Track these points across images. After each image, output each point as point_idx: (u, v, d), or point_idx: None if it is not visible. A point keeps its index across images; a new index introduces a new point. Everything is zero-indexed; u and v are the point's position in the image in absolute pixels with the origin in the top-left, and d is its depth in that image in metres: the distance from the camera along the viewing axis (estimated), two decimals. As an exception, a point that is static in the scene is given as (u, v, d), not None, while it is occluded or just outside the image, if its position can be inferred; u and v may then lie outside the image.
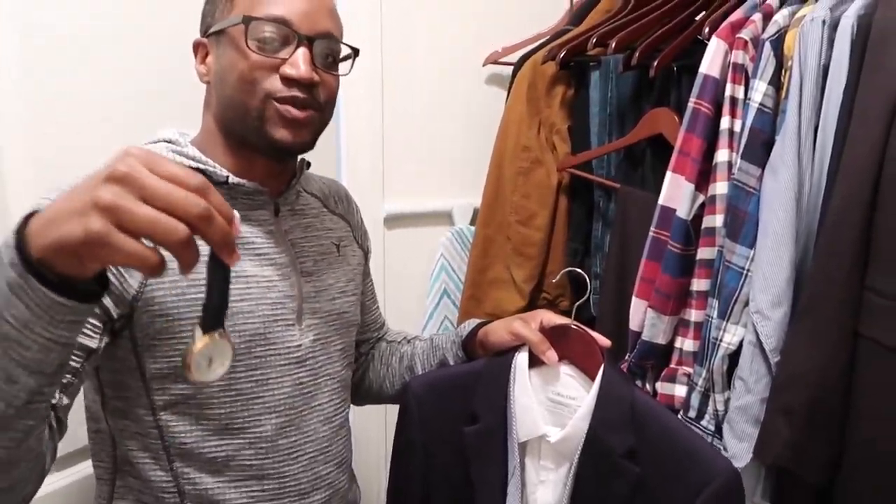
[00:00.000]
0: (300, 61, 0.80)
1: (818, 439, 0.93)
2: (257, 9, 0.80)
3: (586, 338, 0.89)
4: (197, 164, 0.83)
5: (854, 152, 0.89)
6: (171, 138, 0.86)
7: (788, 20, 1.03)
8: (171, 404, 0.81)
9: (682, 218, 1.12)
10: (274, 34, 0.80)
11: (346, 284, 0.97)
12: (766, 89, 1.02)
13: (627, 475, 0.82)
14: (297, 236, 0.91)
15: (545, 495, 0.90)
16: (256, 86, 0.80)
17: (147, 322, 0.78)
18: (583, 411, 0.85)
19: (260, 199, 0.87)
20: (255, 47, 0.80)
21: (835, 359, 0.91)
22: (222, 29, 0.83)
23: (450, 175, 1.83)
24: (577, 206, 1.59)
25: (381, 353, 1.13)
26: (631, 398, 0.84)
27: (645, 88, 1.39)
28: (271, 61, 0.80)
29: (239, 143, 0.86)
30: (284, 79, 0.80)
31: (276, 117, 0.81)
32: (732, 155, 1.07)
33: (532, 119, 1.59)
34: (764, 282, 0.98)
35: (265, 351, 0.85)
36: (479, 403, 0.92)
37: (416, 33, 1.74)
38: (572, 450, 0.86)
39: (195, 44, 0.88)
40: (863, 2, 0.93)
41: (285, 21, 0.80)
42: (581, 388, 0.89)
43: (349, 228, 1.03)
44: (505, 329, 0.94)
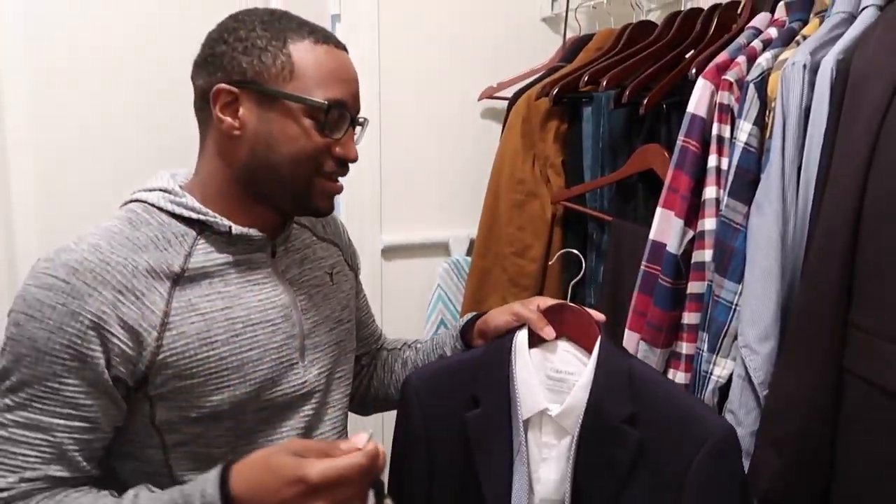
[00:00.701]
0: (351, 143, 0.85)
1: (808, 472, 0.94)
2: (321, 89, 0.81)
3: (582, 314, 0.92)
4: (197, 214, 0.83)
5: (835, 191, 0.92)
6: (167, 188, 0.85)
7: (771, 63, 1.06)
8: (181, 443, 0.82)
9: (672, 252, 1.15)
10: (337, 117, 0.83)
11: (342, 312, 0.99)
12: (751, 129, 1.05)
13: (629, 440, 0.85)
14: (293, 273, 0.93)
15: (548, 472, 0.91)
16: (313, 164, 0.83)
17: (161, 382, 0.79)
18: (582, 382, 0.87)
19: (259, 243, 0.88)
20: (322, 128, 0.82)
21: (821, 392, 0.93)
22: (277, 94, 0.81)
23: (446, 207, 1.86)
24: (572, 238, 1.62)
25: (384, 362, 1.14)
26: (628, 367, 0.87)
27: (636, 124, 1.43)
28: (329, 142, 0.83)
29: (257, 198, 0.86)
30: (336, 158, 0.85)
31: (323, 191, 0.86)
32: (720, 192, 1.10)
33: (527, 153, 1.63)
34: (752, 316, 1.00)
35: (273, 393, 0.86)
36: (481, 387, 0.93)
37: (414, 68, 1.79)
38: (573, 422, 0.87)
39: (218, 90, 0.81)
40: (841, 46, 0.97)
41: (346, 105, 0.83)
42: (579, 363, 0.92)
43: (339, 252, 1.05)
44: (505, 312, 0.97)
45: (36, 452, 0.75)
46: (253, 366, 0.84)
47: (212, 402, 0.81)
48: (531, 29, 1.89)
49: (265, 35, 0.81)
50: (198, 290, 0.81)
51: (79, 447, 0.77)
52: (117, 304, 0.75)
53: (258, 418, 0.86)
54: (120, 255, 0.77)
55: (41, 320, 0.74)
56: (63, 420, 0.75)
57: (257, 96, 0.81)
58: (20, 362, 0.75)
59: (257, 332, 0.84)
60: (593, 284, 1.54)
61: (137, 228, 0.81)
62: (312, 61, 0.81)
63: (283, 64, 0.81)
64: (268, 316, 0.86)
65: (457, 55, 1.82)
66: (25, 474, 0.74)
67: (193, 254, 0.82)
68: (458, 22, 1.82)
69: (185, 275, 0.81)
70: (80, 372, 0.75)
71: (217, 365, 0.81)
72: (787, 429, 0.95)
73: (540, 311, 0.95)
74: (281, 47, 0.81)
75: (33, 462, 0.75)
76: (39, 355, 0.74)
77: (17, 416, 0.75)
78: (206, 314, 0.81)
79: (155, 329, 0.77)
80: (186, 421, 0.81)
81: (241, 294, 0.84)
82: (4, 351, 0.76)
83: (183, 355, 0.79)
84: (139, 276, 0.77)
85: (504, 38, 1.86)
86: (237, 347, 0.82)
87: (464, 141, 1.86)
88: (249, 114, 0.82)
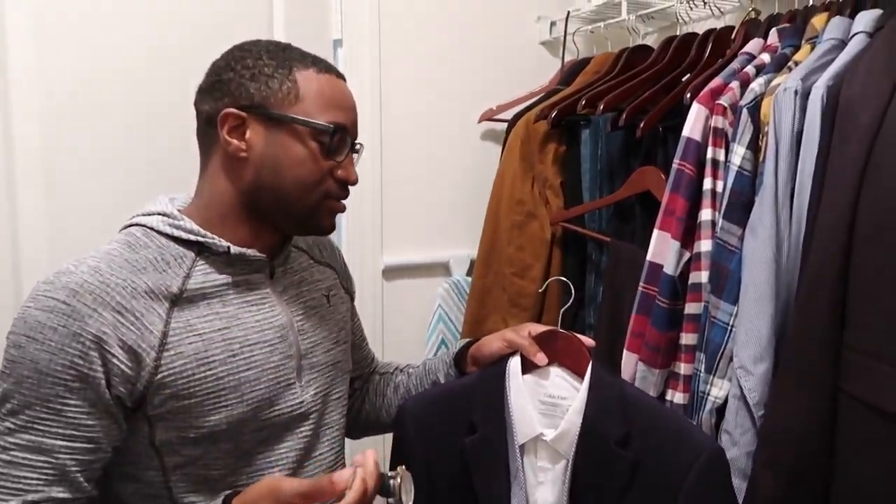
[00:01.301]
0: (352, 166, 0.90)
1: (803, 494, 0.95)
2: (324, 114, 0.85)
3: (573, 340, 0.95)
4: (196, 237, 0.85)
5: (827, 214, 0.94)
6: (165, 212, 0.87)
7: (764, 88, 1.08)
8: (181, 465, 0.83)
9: (669, 274, 1.16)
10: (339, 141, 0.87)
11: (338, 334, 1.00)
12: (745, 153, 1.07)
13: (623, 462, 0.87)
14: (290, 295, 0.94)
15: (545, 495, 0.92)
16: (318, 187, 0.87)
17: (159, 402, 0.80)
18: (576, 406, 0.90)
19: (258, 264, 0.89)
20: (323, 152, 0.86)
21: (817, 414, 0.93)
22: (283, 118, 0.84)
23: (447, 227, 1.88)
24: (571, 258, 1.63)
25: (375, 386, 1.15)
26: (620, 390, 0.90)
27: (633, 147, 1.45)
28: (332, 165, 0.87)
29: (260, 219, 0.88)
30: (338, 180, 0.88)
31: (327, 213, 0.90)
32: (715, 214, 1.12)
33: (526, 174, 1.65)
34: (746, 337, 1.01)
35: (270, 413, 0.87)
36: (477, 413, 0.95)
37: (414, 91, 1.81)
38: (568, 446, 0.89)
39: (226, 115, 0.84)
40: (832, 72, 0.99)
41: (347, 130, 0.88)
42: (571, 388, 0.94)
43: (336, 276, 1.06)
44: (497, 339, 0.99)
45: (38, 475, 0.76)
46: (250, 386, 0.85)
47: (209, 423, 0.82)
48: (530, 52, 1.92)
49: (271, 63, 0.86)
50: (196, 310, 0.83)
51: (81, 468, 0.78)
52: (117, 324, 0.77)
53: (256, 439, 0.86)
54: (119, 277, 0.79)
55: (42, 342, 0.75)
56: (66, 441, 0.76)
57: (264, 120, 0.85)
58: (22, 384, 0.76)
59: (255, 353, 0.86)
60: (592, 305, 1.55)
61: (136, 251, 0.83)
62: (316, 88, 0.86)
63: (288, 89, 0.85)
64: (265, 336, 0.87)
65: (456, 78, 1.85)
66: (28, 497, 0.75)
67: (192, 275, 0.84)
68: (458, 45, 1.85)
69: (183, 296, 0.82)
70: (83, 392, 0.76)
71: (214, 385, 0.82)
72: (783, 451, 0.96)
73: (531, 338, 0.96)
74: (287, 74, 0.85)
75: (35, 484, 0.75)
76: (41, 377, 0.75)
77: (19, 438, 0.76)
78: (203, 335, 0.82)
79: (153, 349, 0.79)
80: (185, 442, 0.82)
81: (238, 314, 0.86)
82: (4, 374, 0.77)
83: (181, 375, 0.80)
84: (138, 298, 0.79)
85: (503, 61, 1.89)
86: (234, 367, 0.83)
87: (464, 162, 1.88)
88: (256, 136, 0.85)
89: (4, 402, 0.77)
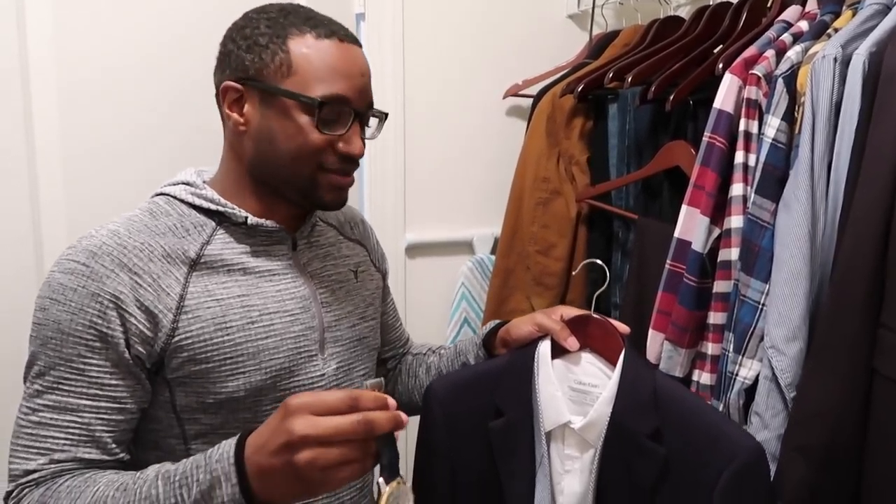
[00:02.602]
0: (356, 139, 0.85)
1: (835, 478, 0.92)
2: (320, 85, 0.81)
3: (606, 325, 0.91)
4: (216, 205, 0.86)
5: (866, 190, 0.89)
6: (189, 181, 0.88)
7: (801, 56, 1.03)
8: (201, 434, 0.84)
9: (698, 251, 1.13)
10: (336, 113, 0.83)
11: (365, 310, 1.00)
12: (780, 125, 1.02)
13: (653, 456, 0.83)
14: (315, 267, 0.94)
15: (572, 484, 0.90)
16: (313, 159, 0.84)
17: (177, 365, 0.81)
18: (606, 395, 0.86)
19: (278, 236, 0.90)
20: (320, 125, 0.82)
21: (851, 396, 0.90)
22: (275, 90, 0.82)
23: (470, 205, 1.86)
24: (597, 236, 1.60)
25: (409, 367, 1.14)
26: (653, 381, 0.85)
27: (662, 121, 1.40)
28: (330, 138, 0.83)
29: (271, 192, 0.88)
30: (339, 153, 0.85)
31: (328, 186, 0.86)
32: (747, 189, 1.08)
33: (551, 150, 1.62)
34: (779, 317, 0.97)
35: (289, 383, 0.87)
36: (504, 397, 0.93)
37: (438, 66, 1.78)
38: (597, 435, 0.86)
39: (225, 87, 0.84)
40: (874, 39, 0.94)
41: (347, 100, 0.83)
42: (602, 376, 0.90)
43: (366, 253, 1.06)
44: (528, 322, 0.96)
45: (65, 434, 0.77)
46: (269, 354, 0.85)
47: (227, 389, 0.82)
48: (557, 26, 1.87)
49: (268, 32, 0.83)
50: (215, 277, 0.83)
51: (107, 428, 0.78)
52: (134, 285, 0.78)
53: (275, 409, 0.86)
54: (137, 240, 0.80)
55: (64, 303, 0.77)
56: (90, 400, 0.77)
57: (259, 93, 0.83)
58: (46, 345, 0.78)
59: (274, 321, 0.86)
60: (618, 283, 1.52)
61: (157, 218, 0.85)
62: (312, 57, 0.82)
63: (281, 60, 0.82)
64: (286, 306, 0.87)
65: (482, 52, 1.82)
66: (55, 455, 0.76)
67: (211, 242, 0.85)
68: (483, 19, 1.81)
69: (201, 261, 0.83)
70: (104, 352, 0.78)
71: (232, 350, 0.82)
72: (814, 435, 0.92)
73: (563, 322, 0.93)
74: (281, 44, 0.82)
75: (63, 444, 0.77)
76: (64, 337, 0.77)
77: (47, 399, 0.77)
78: (221, 300, 0.82)
79: (171, 312, 0.79)
80: (205, 408, 0.83)
81: (258, 283, 0.86)
82: (32, 337, 0.79)
83: (198, 339, 0.80)
84: (155, 260, 0.80)
85: (529, 35, 1.85)
86: (253, 334, 0.84)
87: (488, 139, 1.85)
88: (253, 110, 0.84)
89: (33, 365, 0.79)
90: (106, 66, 1.52)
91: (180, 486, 0.69)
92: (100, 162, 1.54)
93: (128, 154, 1.56)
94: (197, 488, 0.68)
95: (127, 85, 1.54)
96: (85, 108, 1.52)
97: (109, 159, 1.54)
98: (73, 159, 1.52)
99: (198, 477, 0.68)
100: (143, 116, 1.56)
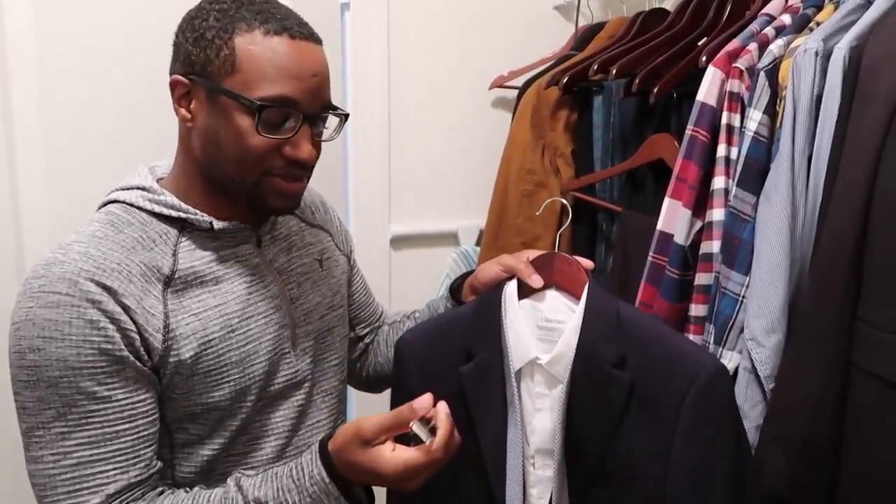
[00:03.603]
0: (304, 142, 0.80)
1: (812, 469, 0.93)
2: (264, 86, 0.76)
3: (570, 261, 0.91)
4: (178, 212, 0.82)
5: (845, 183, 0.90)
6: (144, 185, 0.83)
7: (783, 50, 1.04)
8: (189, 443, 0.83)
9: (680, 244, 1.13)
10: (283, 116, 0.78)
11: (333, 298, 0.98)
12: (761, 118, 1.03)
13: (620, 383, 0.84)
14: (281, 262, 0.92)
15: (543, 422, 0.90)
16: (257, 163, 0.79)
17: (166, 382, 0.79)
18: (571, 327, 0.86)
19: (243, 236, 0.87)
20: (261, 128, 0.77)
21: (828, 388, 0.91)
22: (218, 90, 0.78)
23: (455, 197, 1.86)
24: (581, 228, 1.60)
25: (386, 337, 1.13)
26: (616, 310, 0.86)
27: (646, 113, 1.40)
28: (274, 142, 0.79)
29: (222, 191, 0.84)
30: (286, 157, 0.80)
31: (275, 192, 0.81)
32: (729, 182, 1.08)
33: (536, 142, 1.61)
34: (758, 308, 0.98)
35: (268, 384, 0.86)
36: (473, 339, 0.92)
37: (424, 57, 1.78)
38: (563, 368, 0.86)
39: (173, 81, 0.80)
40: (855, 33, 0.94)
41: (294, 102, 0.78)
42: (568, 311, 0.91)
43: (330, 237, 1.03)
44: (493, 264, 0.95)
45: (112, 465, 0.74)
46: (250, 360, 0.84)
47: (213, 398, 0.81)
48: (543, 17, 1.87)
49: (215, 26, 0.78)
50: (189, 291, 0.81)
51: (148, 444, 0.77)
52: (125, 307, 0.75)
53: (254, 409, 0.86)
54: (112, 261, 0.76)
55: (62, 339, 0.72)
56: (127, 423, 0.75)
57: (205, 90, 0.79)
58: (57, 386, 0.73)
59: (251, 326, 0.84)
60: (602, 275, 1.53)
61: (121, 230, 0.80)
62: (258, 54, 0.76)
63: (225, 57, 0.77)
64: (259, 308, 0.86)
65: (467, 44, 1.81)
66: (109, 489, 0.74)
67: (179, 253, 0.81)
68: (470, 10, 1.80)
69: (175, 276, 0.80)
70: (122, 372, 0.75)
71: (216, 362, 0.81)
72: (792, 425, 0.93)
73: (528, 261, 0.93)
74: (227, 39, 0.77)
75: (113, 475, 0.74)
76: (75, 372, 0.73)
77: (78, 438, 0.73)
78: (199, 314, 0.80)
79: (159, 333, 0.77)
80: (193, 418, 0.82)
81: (232, 289, 0.84)
82: (32, 382, 0.73)
83: (185, 356, 0.78)
84: (134, 281, 0.77)
85: (515, 26, 1.84)
86: (234, 343, 0.82)
87: (474, 130, 1.85)
88: (199, 107, 0.80)
89: (44, 410, 0.73)
90: (87, 53, 1.49)
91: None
92: (82, 149, 1.52)
93: (110, 145, 1.54)
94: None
95: (107, 73, 1.52)
96: (65, 97, 1.49)
97: (91, 147, 1.52)
98: (55, 150, 1.50)
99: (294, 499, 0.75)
100: (125, 105, 1.54)
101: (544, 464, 0.89)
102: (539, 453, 0.89)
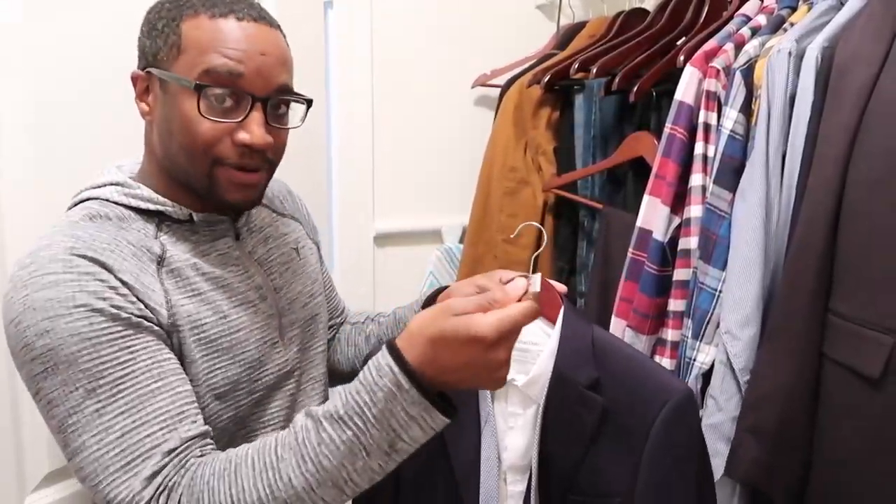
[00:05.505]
0: (254, 126, 0.76)
1: (786, 458, 0.95)
2: (204, 63, 0.75)
3: (545, 285, 0.92)
4: (154, 205, 0.80)
5: (817, 179, 0.92)
6: (118, 181, 0.82)
7: (758, 50, 1.06)
8: None
9: (659, 240, 1.15)
10: (226, 97, 0.76)
11: (312, 286, 0.99)
12: (737, 117, 1.05)
13: (592, 406, 0.86)
14: (260, 254, 0.92)
15: (515, 440, 0.92)
16: (207, 151, 0.77)
17: None
18: (547, 351, 0.88)
19: (221, 229, 0.86)
20: (206, 111, 0.75)
21: (801, 379, 0.93)
22: (163, 77, 0.77)
23: (439, 194, 1.87)
24: (563, 225, 1.62)
25: (347, 336, 1.13)
26: (591, 334, 0.89)
27: (627, 112, 1.43)
28: (224, 126, 0.76)
29: (185, 186, 0.82)
30: (236, 144, 0.77)
31: (227, 183, 0.79)
32: (706, 179, 1.10)
33: (519, 140, 1.63)
34: (733, 302, 1.01)
35: (260, 374, 0.86)
36: None
37: (407, 55, 1.78)
38: (539, 391, 0.89)
39: (133, 76, 0.80)
40: (827, 34, 0.97)
41: (236, 80, 0.75)
42: (542, 334, 0.92)
43: (301, 227, 1.03)
44: (467, 285, 0.93)
45: (158, 426, 0.70)
46: (241, 347, 0.84)
47: (209, 384, 0.81)
48: (525, 16, 1.88)
49: (166, 16, 0.78)
50: (179, 274, 0.80)
51: (187, 400, 0.73)
52: (124, 281, 0.73)
53: (251, 401, 0.86)
54: (103, 241, 0.74)
55: (69, 313, 0.69)
56: (160, 382, 0.71)
57: (158, 81, 0.78)
58: (78, 362, 0.69)
59: (240, 314, 0.84)
60: (584, 272, 1.55)
61: (100, 225, 0.78)
62: (200, 36, 0.75)
63: (172, 43, 0.76)
64: (248, 297, 0.86)
65: (450, 42, 1.82)
66: (164, 447, 0.69)
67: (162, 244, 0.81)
68: (452, 9, 1.81)
69: (166, 256, 0.79)
70: (140, 336, 0.72)
71: (207, 347, 0.80)
72: (765, 416, 0.96)
73: (502, 284, 0.93)
74: (175, 27, 0.76)
75: (162, 434, 0.70)
76: (93, 342, 0.69)
77: (114, 409, 0.69)
78: (193, 297, 0.80)
79: (163, 308, 0.75)
80: None
81: (217, 279, 0.84)
82: (50, 368, 0.69)
83: (182, 338, 0.78)
84: (128, 258, 0.75)
85: (498, 25, 1.86)
86: (226, 329, 0.82)
87: (457, 128, 1.86)
88: (155, 99, 0.79)
89: (72, 392, 0.69)
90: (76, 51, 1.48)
91: (350, 418, 0.65)
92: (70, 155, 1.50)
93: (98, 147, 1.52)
94: (370, 410, 0.65)
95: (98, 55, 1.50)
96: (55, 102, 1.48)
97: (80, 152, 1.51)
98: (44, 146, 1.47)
99: (364, 399, 0.65)
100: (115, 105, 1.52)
101: (515, 479, 0.91)
102: (511, 469, 0.91)
